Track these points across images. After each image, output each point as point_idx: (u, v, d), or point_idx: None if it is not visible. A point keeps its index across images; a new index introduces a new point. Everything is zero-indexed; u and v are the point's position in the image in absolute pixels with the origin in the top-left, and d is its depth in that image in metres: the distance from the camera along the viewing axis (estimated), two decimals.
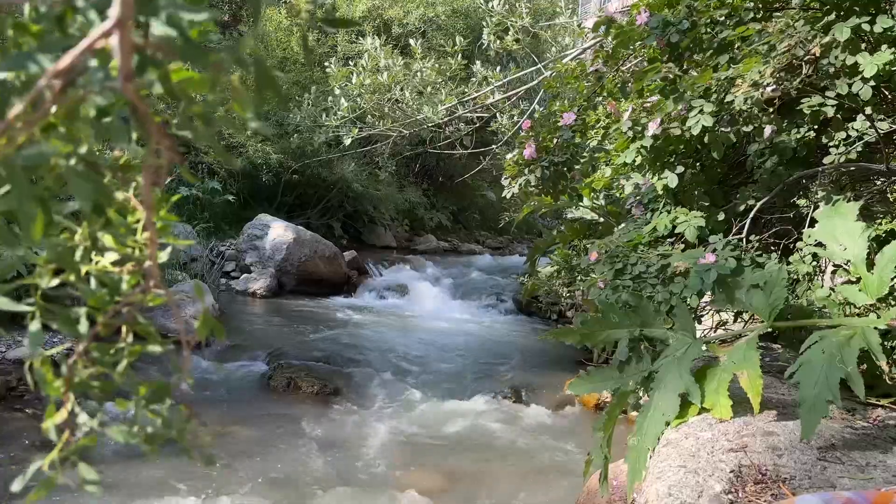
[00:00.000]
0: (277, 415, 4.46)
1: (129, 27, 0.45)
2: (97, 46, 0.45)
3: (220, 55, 0.48)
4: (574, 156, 3.42)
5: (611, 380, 2.34)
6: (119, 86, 0.45)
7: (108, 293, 0.56)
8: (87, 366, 0.55)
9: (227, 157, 0.53)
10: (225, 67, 0.48)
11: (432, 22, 12.23)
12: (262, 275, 8.30)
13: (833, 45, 2.51)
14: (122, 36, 0.45)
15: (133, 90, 0.46)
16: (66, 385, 0.54)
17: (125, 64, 0.45)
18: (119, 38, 0.45)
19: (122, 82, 0.45)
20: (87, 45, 0.45)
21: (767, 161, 2.68)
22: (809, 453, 1.82)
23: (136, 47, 0.46)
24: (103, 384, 0.56)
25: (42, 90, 0.45)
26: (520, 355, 6.45)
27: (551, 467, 3.96)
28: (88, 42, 0.45)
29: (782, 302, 2.10)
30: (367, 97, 6.87)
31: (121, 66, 0.45)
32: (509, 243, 14.05)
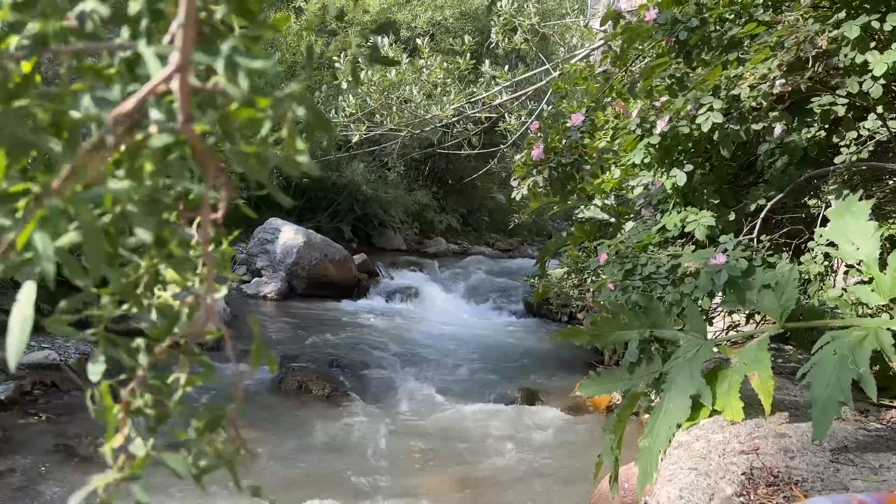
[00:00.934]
0: (288, 417, 4.47)
1: (188, 72, 0.48)
2: (160, 90, 0.48)
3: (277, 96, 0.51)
4: (582, 157, 3.41)
5: (621, 381, 2.33)
6: (179, 127, 0.48)
7: (167, 325, 0.59)
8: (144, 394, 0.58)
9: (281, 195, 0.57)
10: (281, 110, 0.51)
11: (440, 25, 12.24)
12: (272, 278, 8.33)
13: (842, 41, 2.49)
14: (181, 80, 0.48)
15: (192, 131, 0.49)
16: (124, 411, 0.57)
17: (184, 106, 0.48)
18: (179, 82, 0.48)
19: (181, 123, 0.48)
20: (150, 89, 0.48)
21: (778, 160, 2.66)
22: (822, 455, 1.81)
23: (196, 90, 0.49)
24: (158, 413, 0.58)
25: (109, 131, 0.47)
26: (531, 358, 6.43)
27: (563, 470, 3.95)
28: (151, 86, 0.48)
29: (794, 302, 2.09)
30: (375, 95, 6.88)
31: (181, 109, 0.48)
32: (519, 245, 14.02)
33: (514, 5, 6.72)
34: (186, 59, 0.47)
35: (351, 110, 7.00)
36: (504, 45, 6.77)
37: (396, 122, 7.06)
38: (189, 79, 0.47)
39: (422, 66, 7.01)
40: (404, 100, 6.95)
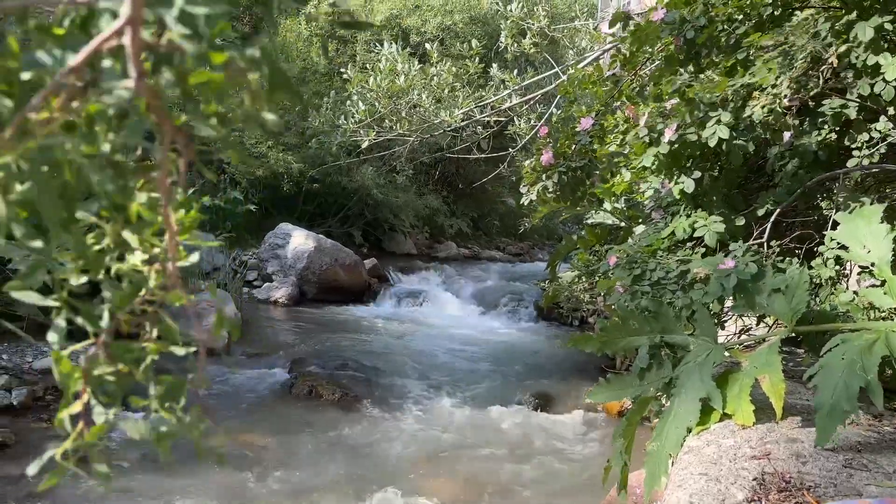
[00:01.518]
0: (299, 422, 4.48)
1: (139, 26, 0.45)
2: (111, 45, 0.46)
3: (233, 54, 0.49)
4: (592, 161, 3.40)
5: (631, 387, 2.32)
6: (132, 84, 0.46)
7: (131, 290, 0.58)
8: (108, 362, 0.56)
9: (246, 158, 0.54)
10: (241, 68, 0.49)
11: (450, 30, 12.28)
12: (283, 283, 8.36)
13: (854, 44, 2.47)
14: (133, 35, 0.45)
15: (146, 89, 0.47)
16: (84, 377, 0.55)
17: (137, 62, 0.46)
18: (130, 36, 0.45)
19: (134, 80, 0.46)
20: (98, 44, 0.45)
21: (788, 164, 2.65)
22: (834, 460, 1.79)
23: (149, 46, 0.47)
24: (120, 379, 0.56)
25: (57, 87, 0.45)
26: (541, 362, 6.42)
27: (574, 476, 3.93)
28: (99, 40, 0.46)
29: (804, 306, 2.07)
30: (384, 101, 6.91)
31: (133, 65, 0.46)
32: (530, 249, 14.01)
33: (523, 9, 6.73)
34: (137, 11, 0.45)
35: (360, 116, 7.02)
36: (513, 49, 6.78)
37: (405, 127, 7.08)
38: (140, 33, 0.45)
39: (432, 73, 7.03)
40: (413, 105, 6.96)
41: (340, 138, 8.30)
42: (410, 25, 12.33)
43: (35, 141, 0.45)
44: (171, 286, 0.57)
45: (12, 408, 4.04)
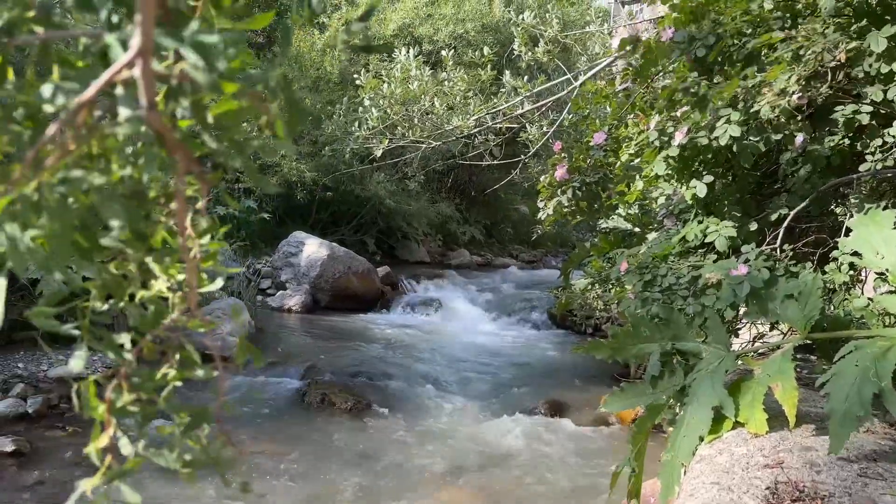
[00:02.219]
0: (312, 430, 4.48)
1: (150, 56, 0.45)
2: (123, 77, 0.46)
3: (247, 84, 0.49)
4: (607, 175, 3.40)
5: (644, 395, 2.30)
6: (144, 115, 0.46)
7: (153, 318, 0.58)
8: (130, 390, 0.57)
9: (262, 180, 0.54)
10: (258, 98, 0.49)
11: (462, 38, 12.31)
12: (297, 291, 8.39)
13: (866, 52, 2.46)
14: (143, 66, 0.45)
15: (158, 119, 0.47)
16: (108, 408, 0.55)
17: (148, 93, 0.46)
18: (141, 68, 0.45)
19: (146, 111, 0.46)
20: (110, 76, 0.46)
21: (801, 169, 2.63)
22: (849, 469, 1.76)
23: (162, 77, 0.47)
24: (144, 409, 0.57)
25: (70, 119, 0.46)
26: (555, 370, 6.39)
27: (588, 485, 3.91)
28: (110, 73, 0.46)
29: (818, 312, 2.05)
30: (396, 108, 6.93)
31: (144, 96, 0.46)
32: (543, 257, 13.97)
33: (535, 17, 6.74)
34: (147, 42, 0.45)
35: (373, 123, 7.05)
36: (526, 57, 6.78)
37: (418, 134, 7.10)
38: (151, 64, 0.45)
39: (444, 79, 7.05)
40: (426, 111, 6.98)
41: (353, 146, 8.34)
42: (423, 34, 12.39)
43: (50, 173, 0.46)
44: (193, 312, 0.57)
45: (27, 416, 4.08)
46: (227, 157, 0.50)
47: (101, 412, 0.55)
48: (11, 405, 4.09)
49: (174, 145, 0.48)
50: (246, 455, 3.88)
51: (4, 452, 3.64)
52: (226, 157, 0.50)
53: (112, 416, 0.55)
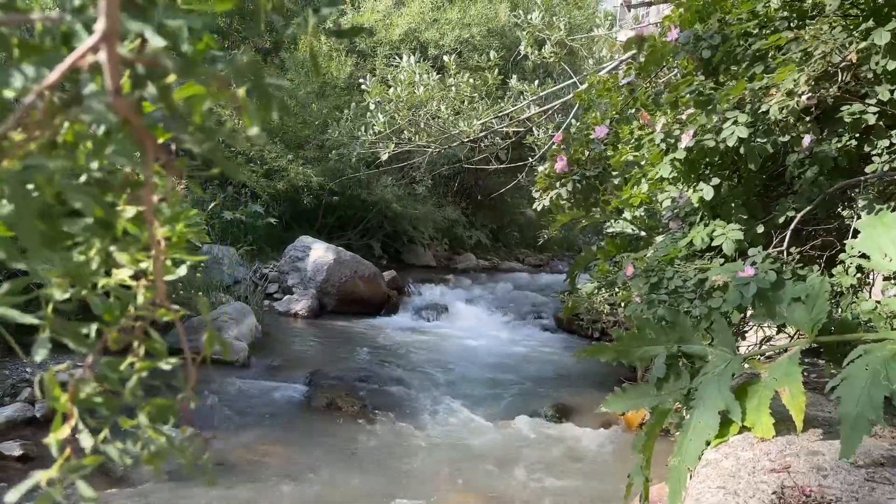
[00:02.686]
0: (318, 435, 4.48)
1: (115, 41, 0.44)
2: (88, 62, 0.45)
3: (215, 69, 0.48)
4: (606, 169, 3.38)
5: (647, 397, 2.29)
6: (110, 101, 0.45)
7: (118, 307, 0.57)
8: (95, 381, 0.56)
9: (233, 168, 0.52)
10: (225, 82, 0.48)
11: (468, 43, 12.33)
12: (303, 296, 8.40)
13: (873, 50, 2.44)
14: (108, 51, 0.44)
15: (125, 105, 0.45)
16: (71, 400, 0.54)
17: (114, 79, 0.45)
18: (106, 52, 0.44)
19: (111, 97, 0.45)
20: (73, 61, 0.44)
21: (808, 171, 2.61)
22: (856, 473, 1.75)
23: (128, 62, 0.46)
24: (108, 401, 0.55)
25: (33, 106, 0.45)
26: (561, 374, 6.37)
27: (594, 489, 3.88)
28: (74, 57, 0.44)
29: (825, 315, 2.03)
30: (403, 112, 6.94)
31: (109, 81, 0.45)
32: (550, 260, 13.95)
33: (542, 20, 6.74)
34: (112, 26, 0.44)
35: (379, 128, 7.06)
36: (533, 59, 6.79)
37: (424, 139, 7.11)
38: (117, 49, 0.44)
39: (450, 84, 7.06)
40: (432, 116, 6.99)
41: (359, 150, 8.36)
42: (429, 39, 12.41)
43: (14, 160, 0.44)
44: (160, 302, 0.56)
45: (35, 420, 4.09)
46: (195, 142, 0.48)
47: (64, 402, 0.54)
48: (19, 409, 4.10)
49: (141, 131, 0.47)
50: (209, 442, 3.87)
51: (12, 456, 3.65)
52: (193, 142, 0.48)
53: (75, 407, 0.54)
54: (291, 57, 11.37)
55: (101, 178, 0.50)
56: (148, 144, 0.48)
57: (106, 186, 0.50)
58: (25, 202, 0.45)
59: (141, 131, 0.47)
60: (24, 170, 0.45)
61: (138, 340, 0.57)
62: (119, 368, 0.56)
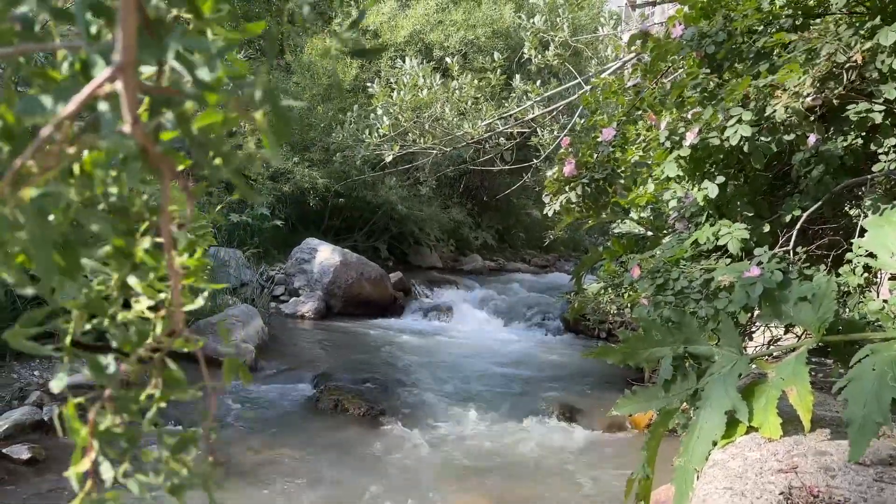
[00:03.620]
0: (325, 437, 4.49)
1: (132, 70, 0.45)
2: (105, 91, 0.45)
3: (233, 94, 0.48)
4: (615, 171, 3.38)
5: (656, 399, 2.28)
6: (128, 130, 0.45)
7: (137, 338, 0.57)
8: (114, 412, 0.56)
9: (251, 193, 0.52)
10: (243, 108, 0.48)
11: (472, 44, 12.34)
12: (310, 298, 8.41)
13: (878, 49, 2.43)
14: (125, 80, 0.45)
15: (142, 133, 0.46)
16: (91, 431, 0.54)
17: (131, 107, 0.45)
18: (123, 82, 0.45)
19: (130, 126, 0.45)
20: (91, 91, 0.45)
21: (813, 170, 2.60)
22: (865, 474, 1.74)
23: (146, 90, 0.46)
24: (128, 432, 0.55)
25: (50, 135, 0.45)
26: (568, 375, 6.36)
27: (602, 491, 3.88)
28: (92, 87, 0.45)
29: (832, 315, 2.02)
30: (407, 114, 6.95)
31: (127, 110, 0.45)
32: (556, 261, 13.94)
33: (546, 22, 6.74)
34: (129, 56, 0.44)
35: (384, 131, 7.07)
36: (536, 61, 6.79)
37: (429, 141, 7.12)
38: (133, 78, 0.44)
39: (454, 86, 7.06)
40: (436, 118, 7.00)
41: (364, 152, 8.38)
42: (433, 41, 12.42)
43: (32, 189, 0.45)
44: (178, 332, 0.56)
45: (43, 423, 4.11)
46: (213, 169, 0.49)
47: (84, 435, 0.54)
48: (28, 413, 4.12)
49: (158, 159, 0.47)
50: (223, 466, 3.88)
51: (21, 460, 3.67)
52: (211, 169, 0.49)
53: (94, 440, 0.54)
54: (297, 60, 11.40)
55: (119, 206, 0.50)
56: (165, 172, 0.48)
57: (124, 214, 0.50)
58: (43, 231, 0.45)
59: (158, 159, 0.47)
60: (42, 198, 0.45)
61: (156, 371, 0.57)
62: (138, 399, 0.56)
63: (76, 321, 0.56)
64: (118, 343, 0.56)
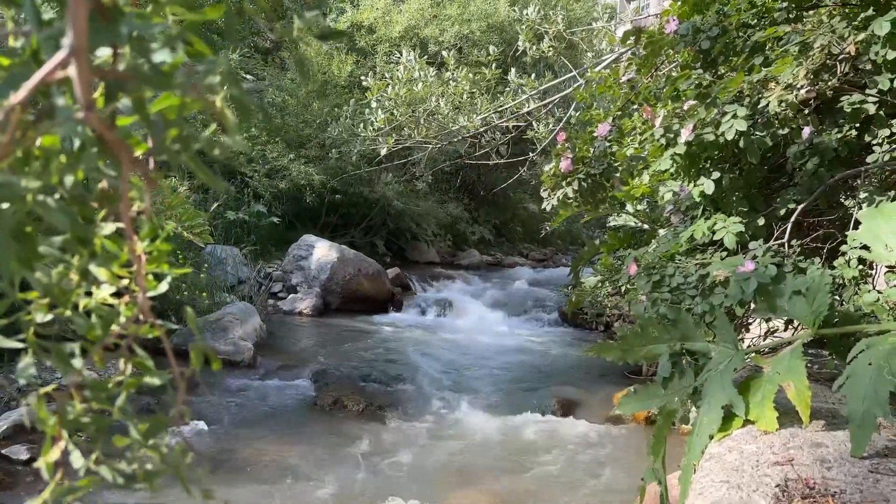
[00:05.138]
0: (323, 434, 4.49)
1: (85, 56, 0.43)
2: (57, 77, 0.44)
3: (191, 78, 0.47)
4: (612, 165, 3.38)
5: (656, 397, 2.29)
6: (83, 116, 0.44)
7: (103, 326, 0.56)
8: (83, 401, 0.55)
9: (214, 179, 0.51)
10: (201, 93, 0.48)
11: (468, 38, 12.31)
12: (307, 294, 8.41)
13: (872, 40, 2.43)
14: (79, 65, 0.43)
15: (97, 119, 0.45)
16: (59, 421, 0.53)
17: (85, 93, 0.44)
18: (76, 67, 0.43)
19: (84, 112, 0.44)
20: (42, 77, 0.43)
21: (808, 162, 2.60)
22: (860, 465, 1.75)
23: (100, 75, 0.45)
24: (98, 420, 0.55)
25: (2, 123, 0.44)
26: (567, 368, 6.38)
27: (602, 484, 3.89)
28: (43, 73, 0.43)
29: (826, 308, 2.03)
30: (402, 108, 6.94)
31: (81, 96, 0.44)
32: (553, 255, 13.95)
33: (539, 12, 6.73)
34: (81, 41, 0.42)
35: (379, 125, 7.06)
36: (531, 53, 6.78)
37: (424, 135, 7.11)
38: (86, 63, 0.43)
39: (448, 79, 7.05)
40: (431, 112, 6.99)
41: (360, 147, 8.37)
42: (429, 35, 12.39)
43: None
44: (144, 318, 0.55)
45: None
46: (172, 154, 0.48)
47: (53, 425, 0.53)
48: (26, 413, 4.13)
49: (115, 144, 0.46)
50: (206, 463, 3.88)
51: (20, 460, 3.67)
52: (170, 154, 0.48)
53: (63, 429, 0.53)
54: (292, 56, 11.36)
55: (77, 194, 0.49)
56: (123, 157, 0.47)
57: (82, 202, 0.49)
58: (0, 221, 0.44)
59: (116, 144, 0.46)
60: None
61: (124, 359, 0.57)
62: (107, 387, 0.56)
63: (39, 311, 0.55)
64: (82, 331, 0.55)
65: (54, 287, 0.53)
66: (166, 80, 0.45)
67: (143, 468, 0.55)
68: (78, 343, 0.55)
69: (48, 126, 0.45)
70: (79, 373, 0.54)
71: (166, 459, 0.56)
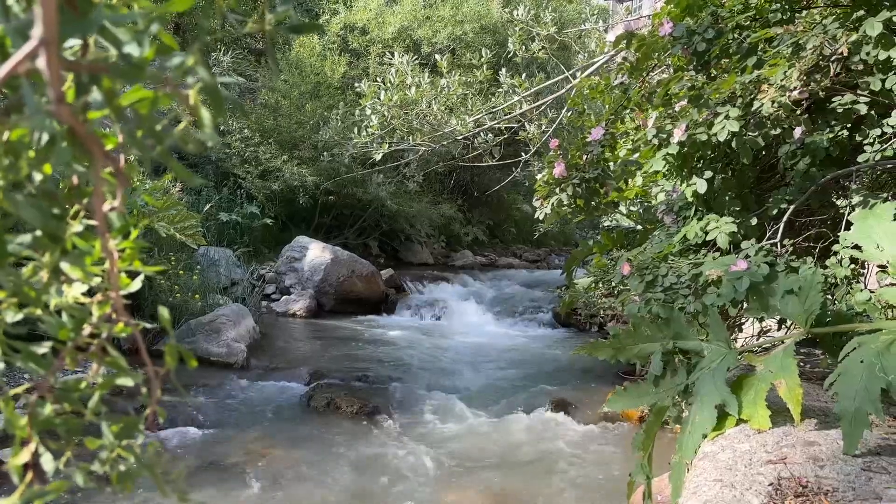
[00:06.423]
0: (317, 435, 4.48)
1: (55, 47, 0.42)
2: (25, 69, 0.42)
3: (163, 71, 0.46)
4: (605, 170, 3.39)
5: (647, 395, 2.30)
6: (53, 109, 0.43)
7: (74, 325, 0.54)
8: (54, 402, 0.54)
9: (187, 174, 0.49)
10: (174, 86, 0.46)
11: (460, 40, 12.32)
12: (301, 296, 8.40)
13: (864, 41, 2.45)
14: (48, 57, 0.42)
15: (68, 112, 0.44)
16: (29, 423, 0.52)
17: (55, 86, 0.43)
18: (46, 59, 0.42)
19: (54, 105, 0.43)
20: (10, 69, 0.42)
21: (800, 162, 2.61)
22: (853, 463, 1.75)
23: (70, 67, 0.44)
24: (69, 421, 0.54)
25: None
26: (560, 368, 6.38)
27: (596, 484, 3.89)
28: (10, 65, 0.42)
29: (818, 307, 2.04)
30: (395, 111, 6.94)
31: (51, 89, 0.43)
32: (547, 256, 13.97)
33: (530, 13, 6.74)
34: (51, 32, 0.41)
35: (372, 129, 7.06)
36: (522, 54, 6.79)
37: (418, 138, 7.11)
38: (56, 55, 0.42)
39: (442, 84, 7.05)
40: (424, 115, 7.00)
41: (352, 150, 8.37)
42: (421, 37, 12.40)
43: None
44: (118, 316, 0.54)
45: None
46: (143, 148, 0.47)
47: (23, 427, 0.52)
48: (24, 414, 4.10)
49: (86, 139, 0.45)
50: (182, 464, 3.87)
51: None
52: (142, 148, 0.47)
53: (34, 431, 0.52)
54: (285, 57, 11.35)
55: (47, 189, 0.47)
56: (95, 152, 0.46)
57: (52, 197, 0.48)
58: None
59: (87, 138, 0.45)
60: None
61: (96, 358, 0.55)
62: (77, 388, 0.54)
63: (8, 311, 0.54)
64: (53, 332, 0.54)
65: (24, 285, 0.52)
66: (138, 73, 0.44)
67: (116, 470, 0.55)
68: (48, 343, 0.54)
69: (17, 120, 0.43)
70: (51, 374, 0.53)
71: (140, 460, 0.55)
